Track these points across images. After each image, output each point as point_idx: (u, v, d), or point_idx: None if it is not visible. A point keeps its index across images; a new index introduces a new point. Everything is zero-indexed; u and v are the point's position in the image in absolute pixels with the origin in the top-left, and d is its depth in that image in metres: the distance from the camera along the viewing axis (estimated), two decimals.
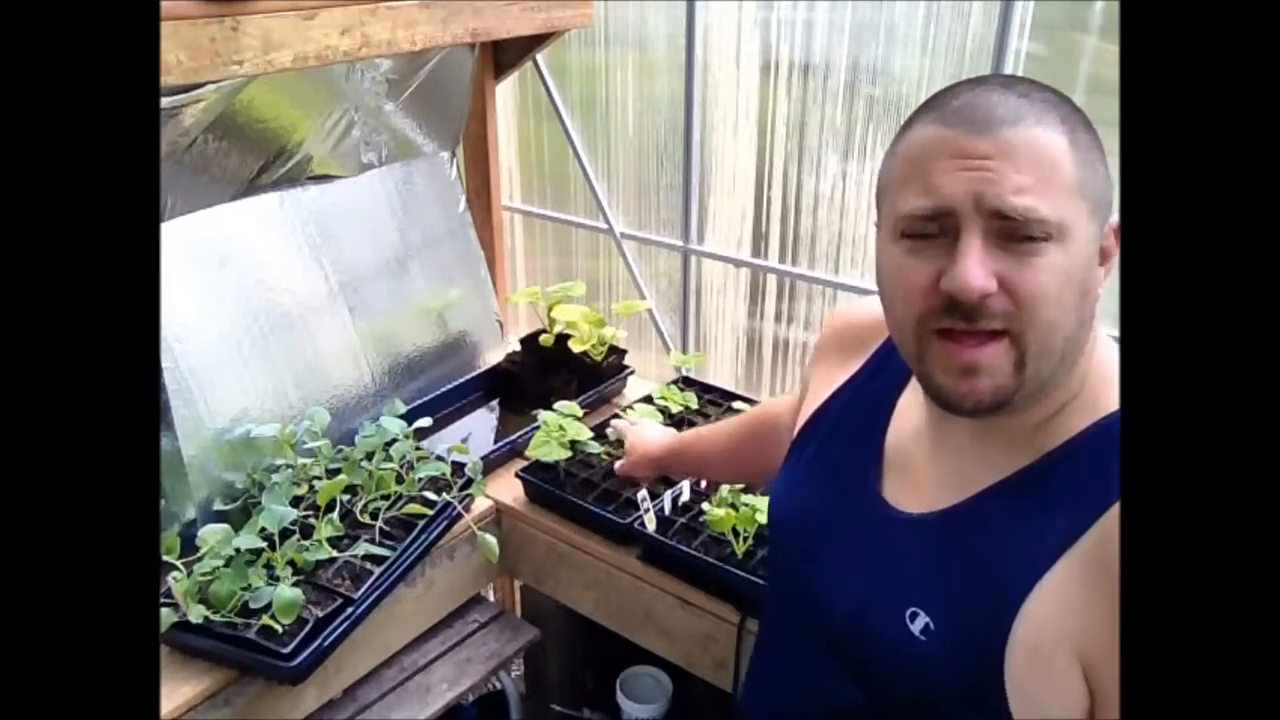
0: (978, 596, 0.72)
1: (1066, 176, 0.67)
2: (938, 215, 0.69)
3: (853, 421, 0.89)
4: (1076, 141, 0.68)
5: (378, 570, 1.39)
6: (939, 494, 0.78)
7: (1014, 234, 0.67)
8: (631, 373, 2.03)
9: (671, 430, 1.48)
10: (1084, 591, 0.66)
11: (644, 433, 1.47)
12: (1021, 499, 0.73)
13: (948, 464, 0.79)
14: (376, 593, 1.38)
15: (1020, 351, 0.69)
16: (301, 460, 1.54)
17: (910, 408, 0.85)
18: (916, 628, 0.75)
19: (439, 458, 1.59)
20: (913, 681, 0.75)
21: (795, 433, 0.96)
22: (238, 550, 1.32)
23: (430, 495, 1.52)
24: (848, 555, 0.83)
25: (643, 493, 1.53)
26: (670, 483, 1.61)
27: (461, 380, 1.99)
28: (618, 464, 1.49)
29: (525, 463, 1.66)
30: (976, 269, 0.67)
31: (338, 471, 1.53)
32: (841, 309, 1.04)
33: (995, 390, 0.70)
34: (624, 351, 2.02)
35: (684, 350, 2.20)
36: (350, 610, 1.34)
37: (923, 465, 0.81)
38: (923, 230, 0.70)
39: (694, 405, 1.85)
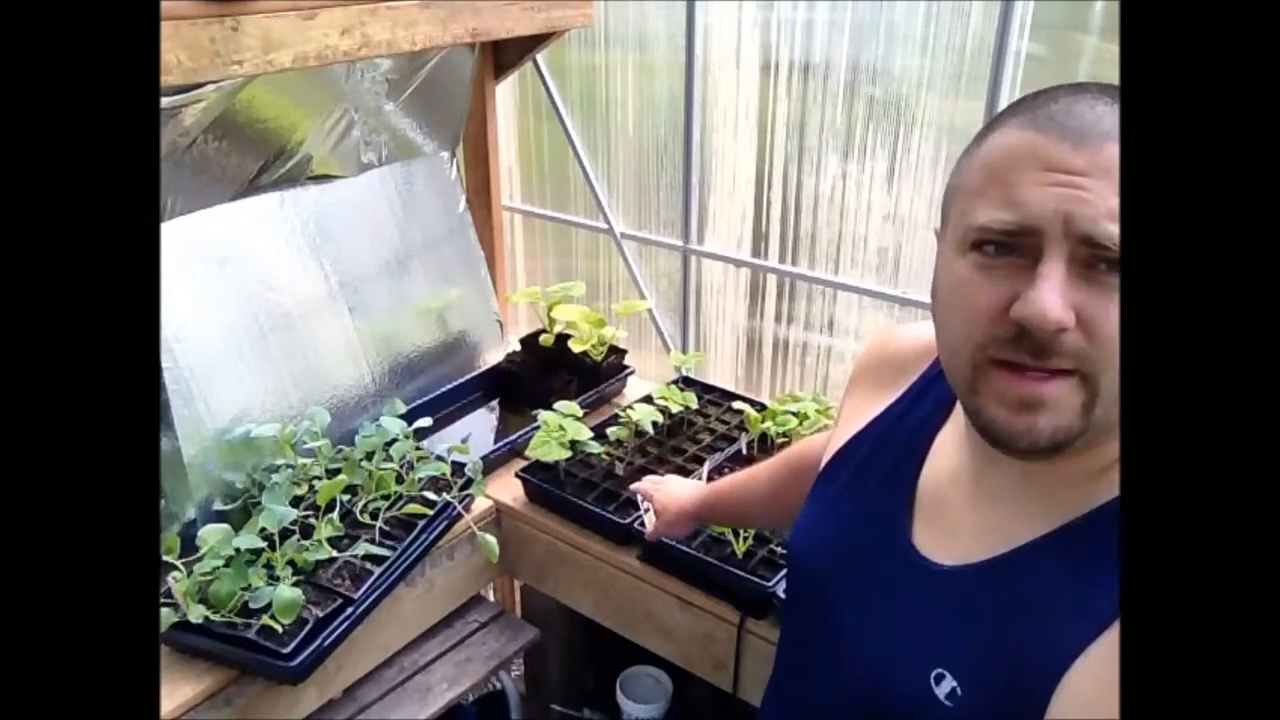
0: (1013, 663, 0.64)
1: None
2: (1019, 232, 0.60)
3: (886, 456, 0.81)
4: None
5: (378, 570, 1.39)
6: (975, 544, 0.71)
7: (1100, 264, 0.59)
8: (631, 373, 2.03)
9: (697, 481, 1.37)
10: None
11: (672, 491, 1.32)
12: (1068, 556, 0.65)
13: (987, 511, 0.71)
14: (376, 593, 1.38)
15: (1091, 393, 0.61)
16: (301, 460, 1.54)
17: (949, 445, 0.77)
18: (942, 691, 0.68)
19: (439, 458, 1.59)
20: None
21: (823, 464, 0.88)
22: (238, 550, 1.32)
23: (430, 495, 1.53)
24: (871, 603, 0.77)
25: None
26: None
27: (461, 380, 1.99)
28: (649, 529, 1.34)
29: (525, 463, 1.66)
30: (1056, 299, 0.58)
31: (338, 471, 1.53)
32: (879, 335, 0.95)
33: (1056, 431, 0.62)
34: (624, 351, 2.02)
35: (684, 350, 2.20)
36: (350, 610, 1.34)
37: (959, 510, 0.74)
38: (998, 247, 0.62)
39: (694, 405, 1.85)
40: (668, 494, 1.32)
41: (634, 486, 1.41)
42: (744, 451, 1.73)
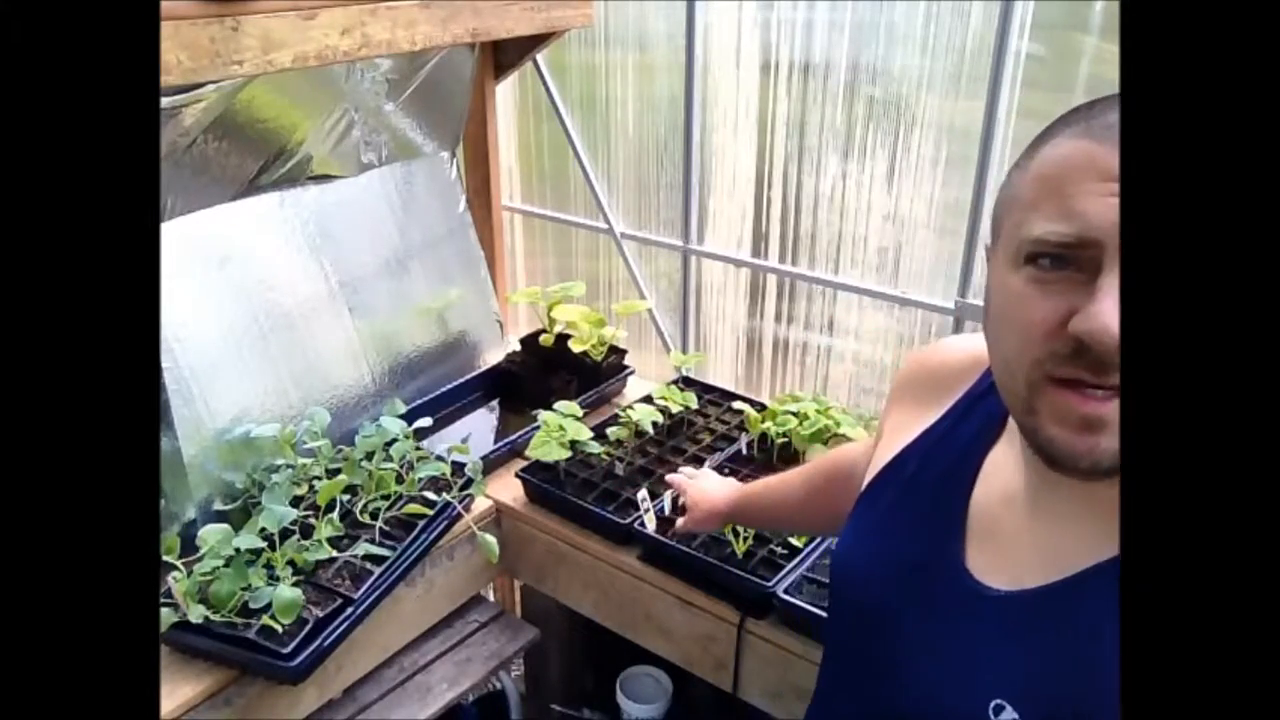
0: (1077, 693, 0.62)
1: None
2: (1077, 245, 0.58)
3: (933, 474, 0.79)
4: None
5: (378, 570, 1.39)
6: (1032, 569, 0.68)
7: None
8: (631, 373, 2.03)
9: (732, 480, 1.35)
10: None
11: (705, 487, 1.32)
12: None
13: (1045, 534, 0.69)
14: (376, 593, 1.38)
15: None
16: (301, 460, 1.54)
17: (1003, 465, 0.74)
18: None
19: (439, 458, 1.59)
20: None
21: (866, 481, 0.86)
22: (238, 550, 1.32)
23: (430, 495, 1.53)
24: (924, 627, 0.74)
25: (642, 493, 1.53)
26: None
27: (461, 380, 1.99)
28: (679, 522, 1.34)
29: (525, 463, 1.66)
30: (1118, 312, 0.56)
31: (338, 471, 1.53)
32: (919, 350, 0.90)
33: (1113, 456, 0.59)
34: (624, 351, 2.02)
35: (684, 350, 2.20)
36: (350, 610, 1.34)
37: (1014, 533, 0.71)
38: (1054, 259, 0.60)
39: (694, 405, 1.85)
40: (700, 490, 1.31)
41: (669, 478, 1.41)
42: (744, 451, 1.73)
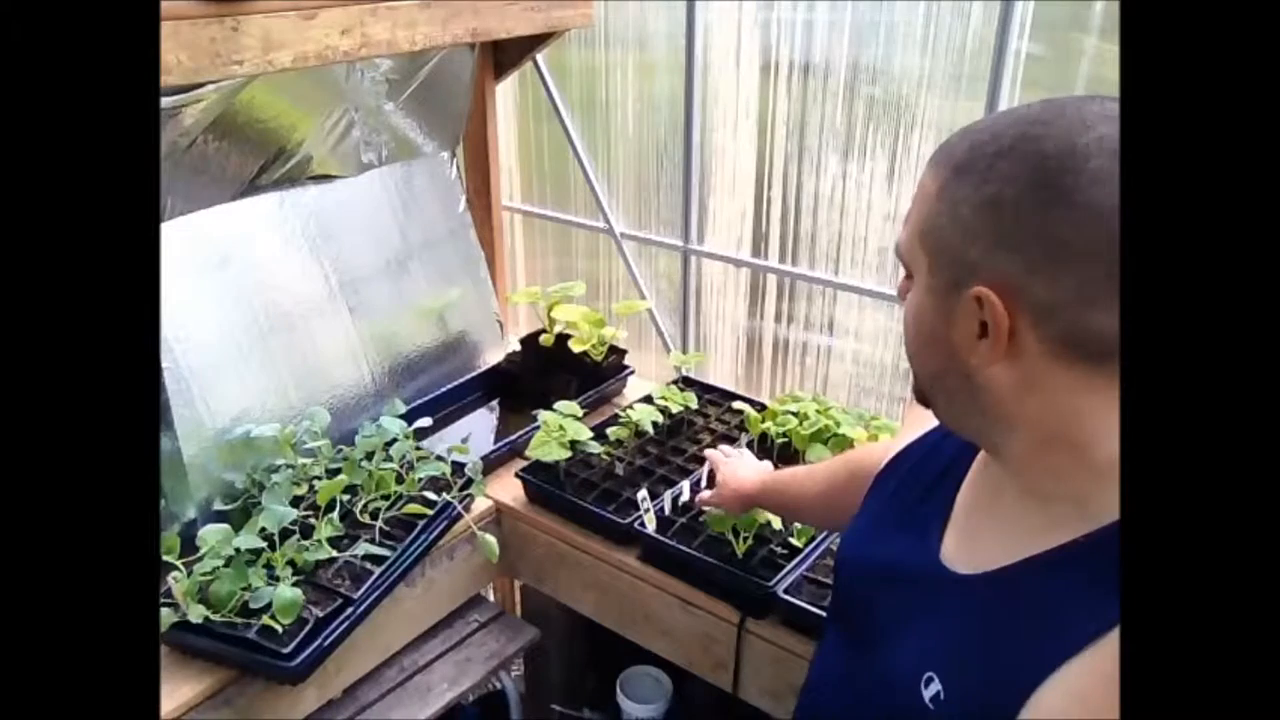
0: (993, 673, 0.65)
1: (917, 218, 0.68)
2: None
3: (932, 469, 0.84)
4: (948, 188, 0.65)
5: (378, 570, 1.39)
6: (989, 554, 0.72)
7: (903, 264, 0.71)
8: (631, 373, 2.03)
9: (767, 465, 1.37)
10: (1101, 690, 0.57)
11: (737, 468, 1.35)
12: (1065, 575, 0.65)
13: (1005, 524, 0.72)
14: (376, 593, 1.38)
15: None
16: (301, 460, 1.54)
17: (990, 460, 0.78)
18: (928, 694, 0.69)
19: (439, 458, 1.59)
20: None
21: (877, 473, 0.90)
22: (238, 550, 1.32)
23: (430, 495, 1.52)
24: (892, 609, 0.79)
25: (643, 493, 1.53)
26: (670, 482, 1.61)
27: (461, 380, 1.99)
28: (703, 495, 1.39)
29: (525, 463, 1.66)
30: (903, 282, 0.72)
31: (338, 471, 1.53)
32: None
33: (918, 393, 0.74)
34: (624, 351, 2.02)
35: (684, 350, 2.20)
36: (350, 610, 1.34)
37: (981, 522, 0.76)
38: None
39: (694, 405, 1.85)
40: (731, 471, 1.34)
41: (707, 453, 1.45)
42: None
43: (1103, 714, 0.56)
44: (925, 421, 0.86)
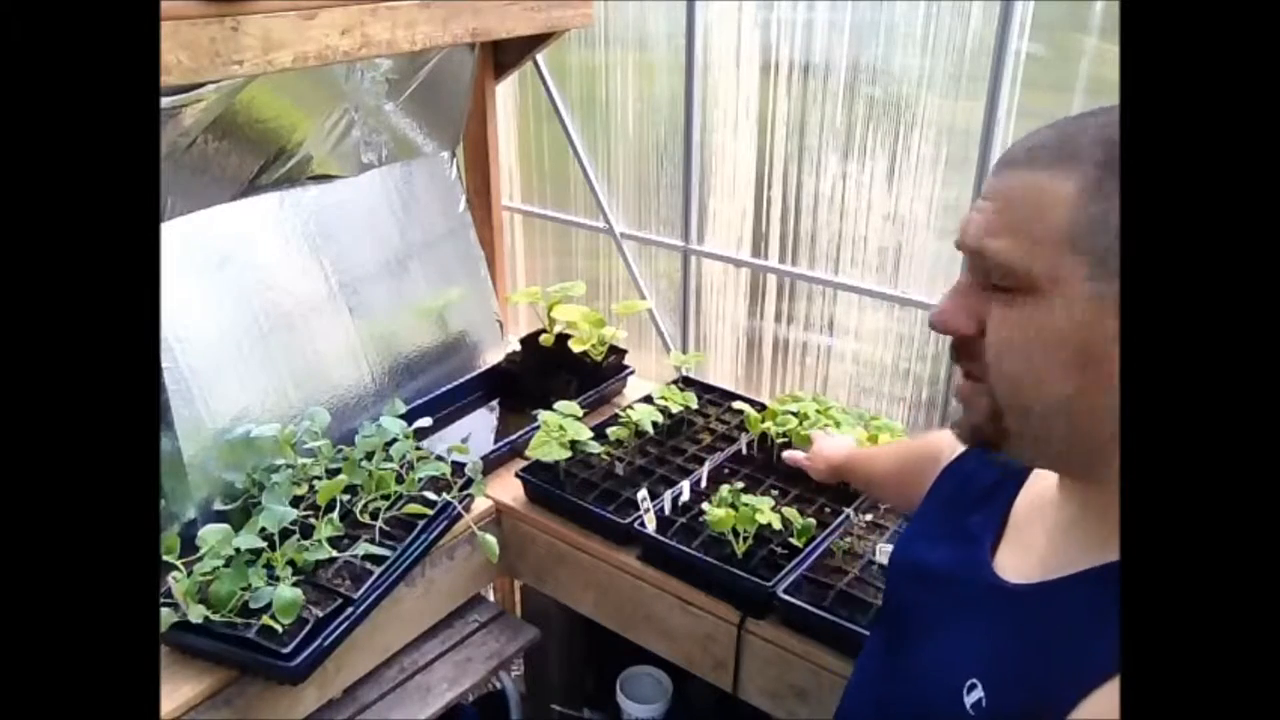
0: (1037, 685, 0.65)
1: (1054, 225, 0.61)
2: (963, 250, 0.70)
3: (991, 474, 0.84)
4: (1090, 189, 0.61)
5: (378, 570, 1.39)
6: (1042, 566, 0.72)
7: (989, 278, 0.66)
8: (631, 373, 2.03)
9: (851, 441, 1.52)
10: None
11: (829, 439, 1.52)
12: (1111, 592, 0.61)
13: (1059, 536, 0.72)
14: (376, 593, 1.38)
15: (992, 399, 0.67)
16: (301, 460, 1.54)
17: (1044, 472, 0.78)
18: (970, 700, 0.69)
19: (439, 458, 1.59)
20: None
21: (937, 476, 0.92)
22: (238, 550, 1.32)
23: (430, 495, 1.52)
24: (939, 614, 0.79)
25: (643, 493, 1.53)
26: (670, 482, 1.61)
27: (461, 380, 1.99)
28: (793, 453, 1.56)
29: (525, 463, 1.66)
30: (947, 304, 0.68)
31: (338, 471, 1.53)
32: None
33: (972, 430, 0.71)
34: (624, 351, 2.02)
35: (684, 350, 2.20)
36: (350, 610, 1.34)
37: (1035, 534, 0.75)
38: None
39: (694, 405, 1.85)
40: (825, 440, 1.52)
41: (813, 433, 1.58)
42: (744, 451, 1.73)
43: None
44: None
